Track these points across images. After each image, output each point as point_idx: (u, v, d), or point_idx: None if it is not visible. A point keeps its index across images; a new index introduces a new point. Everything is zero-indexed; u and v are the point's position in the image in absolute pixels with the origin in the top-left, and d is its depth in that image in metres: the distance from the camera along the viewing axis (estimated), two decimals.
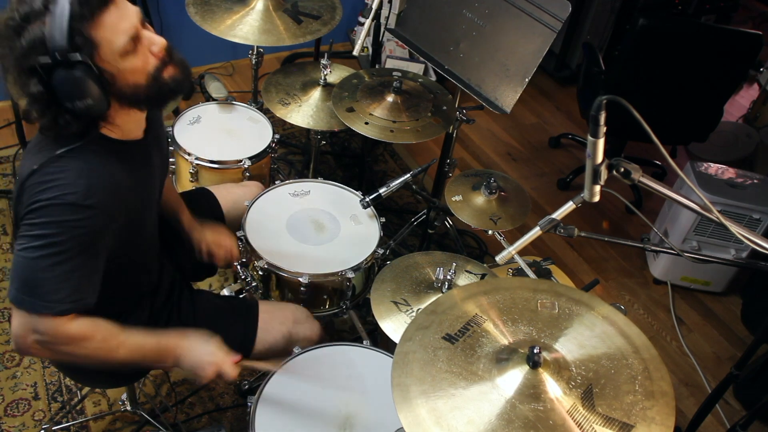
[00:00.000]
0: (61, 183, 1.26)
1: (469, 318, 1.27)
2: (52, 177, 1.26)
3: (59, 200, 1.25)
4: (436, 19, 2.21)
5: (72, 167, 1.28)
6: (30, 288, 1.28)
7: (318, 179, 2.20)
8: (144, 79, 1.32)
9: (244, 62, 3.74)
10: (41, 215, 1.26)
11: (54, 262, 1.27)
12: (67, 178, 1.27)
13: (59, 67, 1.20)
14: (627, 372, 1.18)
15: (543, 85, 4.09)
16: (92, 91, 1.23)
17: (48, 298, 1.28)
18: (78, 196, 1.26)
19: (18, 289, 1.29)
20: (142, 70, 1.31)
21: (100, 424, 2.12)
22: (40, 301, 1.28)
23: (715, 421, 2.44)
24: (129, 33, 1.27)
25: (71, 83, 1.21)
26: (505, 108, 2.04)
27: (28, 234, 1.27)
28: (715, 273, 2.86)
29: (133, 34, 1.27)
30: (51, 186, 1.26)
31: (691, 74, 2.76)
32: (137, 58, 1.30)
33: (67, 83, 1.21)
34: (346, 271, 1.88)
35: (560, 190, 3.36)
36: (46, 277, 1.28)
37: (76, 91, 1.22)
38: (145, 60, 1.31)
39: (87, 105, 1.24)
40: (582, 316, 1.28)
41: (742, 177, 2.76)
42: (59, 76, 1.21)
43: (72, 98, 1.23)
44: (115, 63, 1.27)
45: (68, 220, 1.26)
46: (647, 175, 1.24)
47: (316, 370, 1.64)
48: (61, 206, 1.26)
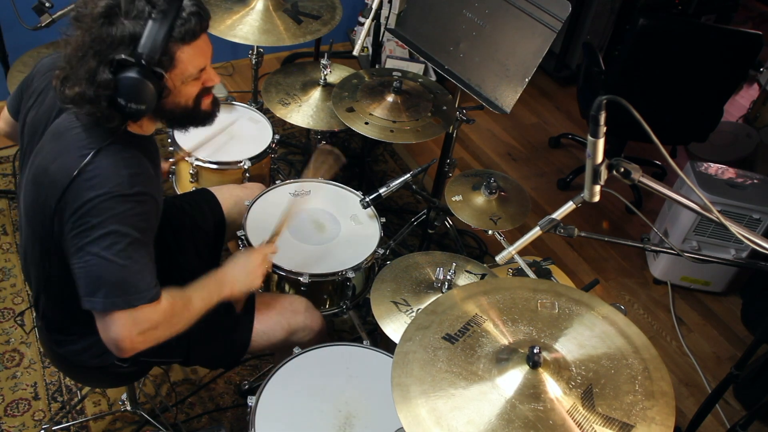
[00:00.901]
0: (103, 179, 1.29)
1: (469, 318, 1.27)
2: (91, 176, 1.28)
3: (108, 195, 1.27)
4: (436, 19, 2.21)
5: (107, 163, 1.30)
6: (119, 287, 1.29)
7: (318, 179, 2.20)
8: (186, 103, 1.41)
9: (244, 62, 3.74)
10: (96, 215, 1.27)
11: (129, 254, 1.29)
12: (107, 173, 1.29)
13: (133, 69, 1.25)
14: (627, 372, 1.18)
15: (543, 85, 4.09)
16: (150, 100, 1.29)
17: (139, 288, 1.30)
18: (124, 187, 1.29)
19: (107, 294, 1.28)
20: (189, 96, 1.41)
21: (100, 424, 2.12)
22: (133, 295, 1.30)
23: (715, 421, 2.44)
24: (202, 65, 1.37)
25: (139, 88, 1.27)
26: (505, 108, 2.04)
27: (89, 238, 1.27)
28: (715, 273, 2.86)
29: (204, 67, 1.38)
30: (94, 184, 1.28)
31: (691, 74, 2.76)
32: (194, 86, 1.40)
33: (135, 86, 1.26)
34: (346, 271, 1.89)
35: (560, 190, 3.36)
36: (129, 271, 1.29)
37: (139, 95, 1.28)
38: (197, 89, 1.41)
39: (138, 109, 1.29)
40: (582, 316, 1.28)
41: (742, 177, 2.76)
42: (131, 77, 1.26)
43: (130, 99, 1.27)
44: (177, 84, 1.36)
45: (123, 210, 1.29)
46: (647, 175, 1.24)
47: (316, 370, 1.64)
48: (112, 200, 1.28)
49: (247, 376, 2.29)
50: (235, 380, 2.28)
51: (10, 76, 2.44)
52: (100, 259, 1.27)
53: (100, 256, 1.27)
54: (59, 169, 1.30)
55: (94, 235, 1.27)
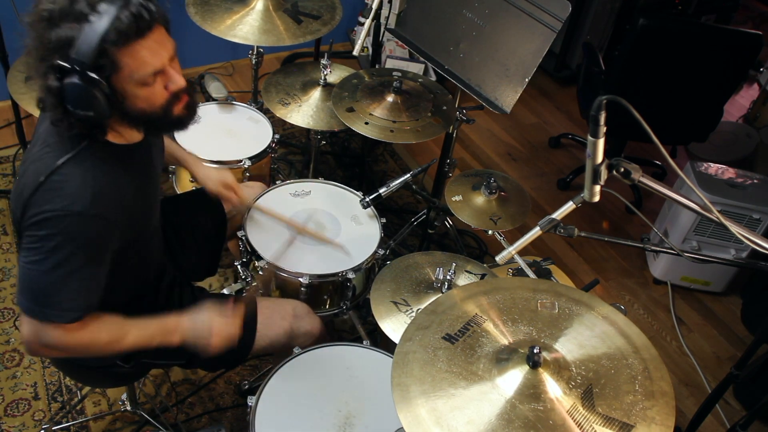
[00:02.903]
0: (66, 193, 1.26)
1: (469, 318, 1.27)
2: (56, 186, 1.26)
3: (65, 211, 1.25)
4: (436, 19, 2.21)
5: (76, 176, 1.28)
6: (41, 298, 1.30)
7: (318, 179, 2.20)
8: (152, 109, 1.33)
9: (244, 62, 3.74)
10: (48, 227, 1.26)
11: (64, 273, 1.28)
12: (72, 188, 1.27)
13: (74, 75, 1.21)
14: (627, 372, 1.18)
15: (543, 85, 4.09)
16: (98, 106, 1.24)
17: (59, 307, 1.30)
18: (84, 206, 1.26)
19: (29, 299, 1.30)
20: (152, 101, 1.32)
21: (100, 424, 2.12)
22: (51, 310, 1.30)
23: (715, 421, 2.44)
24: (154, 68, 1.28)
25: (80, 93, 1.22)
26: (505, 108, 2.04)
27: (35, 246, 1.27)
28: (715, 273, 2.86)
29: (158, 69, 1.29)
30: (56, 196, 1.26)
31: (691, 74, 2.76)
32: (152, 90, 1.31)
33: (76, 92, 1.22)
34: (346, 271, 1.89)
35: (560, 190, 3.36)
36: (57, 288, 1.29)
37: (84, 102, 1.23)
38: (159, 93, 1.32)
39: (88, 116, 1.25)
40: (582, 316, 1.28)
41: (742, 177, 2.76)
42: (71, 83, 1.21)
43: (77, 105, 1.23)
44: (129, 88, 1.28)
45: (76, 230, 1.27)
46: (647, 175, 1.24)
47: (316, 370, 1.64)
48: (68, 217, 1.26)
49: (247, 376, 2.29)
50: (235, 380, 2.28)
51: (10, 76, 2.44)
52: (35, 269, 1.28)
53: (35, 266, 1.28)
54: (31, 174, 1.29)
55: (38, 244, 1.27)
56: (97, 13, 1.19)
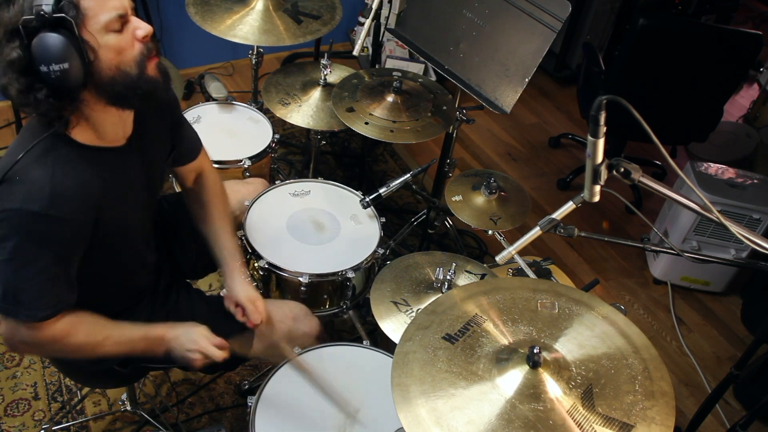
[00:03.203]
0: (23, 191, 1.24)
1: (469, 318, 1.27)
2: (15, 185, 1.24)
3: (22, 210, 1.23)
4: (436, 19, 2.21)
5: (37, 175, 1.25)
6: (10, 297, 1.29)
7: (318, 179, 2.20)
8: (126, 64, 1.28)
9: (244, 62, 3.74)
10: (6, 226, 1.24)
11: (29, 272, 1.28)
12: (30, 186, 1.24)
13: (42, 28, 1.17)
14: (627, 372, 1.18)
15: (543, 85, 4.09)
16: (71, 55, 1.19)
17: (29, 306, 1.30)
18: (41, 206, 1.23)
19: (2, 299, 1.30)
20: (125, 52, 1.27)
21: (100, 424, 2.12)
22: (22, 309, 1.30)
23: (715, 421, 2.43)
24: (117, 10, 1.24)
25: (50, 44, 1.17)
26: (505, 108, 2.04)
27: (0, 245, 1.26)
28: (715, 273, 2.86)
29: (122, 13, 1.25)
30: (13, 194, 1.24)
31: (691, 74, 2.76)
32: (122, 38, 1.26)
33: (46, 44, 1.17)
34: (346, 271, 1.89)
35: (560, 190, 3.36)
36: (23, 288, 1.29)
37: (54, 53, 1.17)
38: (129, 42, 1.28)
39: (63, 69, 1.19)
40: (582, 316, 1.28)
41: (742, 177, 2.76)
42: (41, 37, 1.17)
43: (49, 61, 1.18)
44: (98, 37, 1.23)
45: (33, 230, 1.25)
46: (647, 175, 1.24)
47: (316, 370, 1.64)
48: (24, 216, 1.23)
49: (247, 376, 2.29)
50: (235, 380, 2.28)
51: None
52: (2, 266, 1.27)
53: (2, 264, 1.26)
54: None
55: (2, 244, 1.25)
56: None
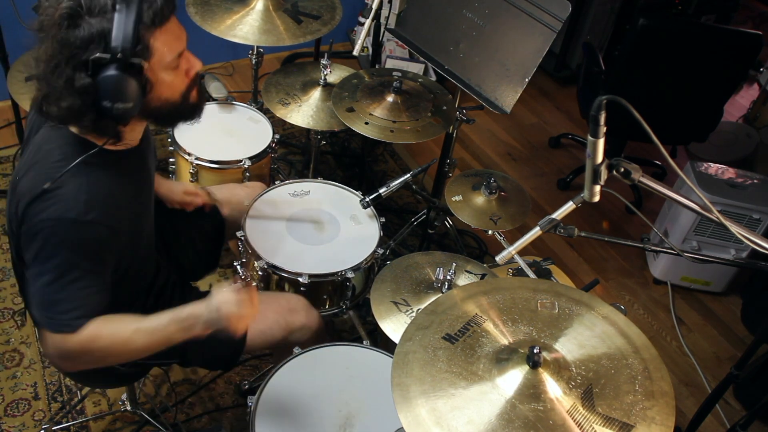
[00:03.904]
0: (60, 201, 1.26)
1: (469, 318, 1.27)
2: (50, 196, 1.26)
3: (61, 219, 1.25)
4: (436, 19, 2.21)
5: (70, 184, 1.27)
6: (49, 309, 1.30)
7: (318, 179, 2.20)
8: (174, 97, 1.35)
9: (244, 62, 3.74)
10: (45, 236, 1.26)
11: (67, 281, 1.28)
12: (66, 196, 1.26)
13: (113, 65, 1.20)
14: (627, 372, 1.18)
15: (543, 85, 4.09)
16: (135, 96, 1.23)
17: (65, 317, 1.30)
18: (78, 213, 1.26)
19: (39, 311, 1.32)
20: (175, 88, 1.35)
21: (100, 424, 2.12)
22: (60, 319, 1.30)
23: (715, 421, 2.43)
24: (179, 50, 1.31)
25: (121, 84, 1.21)
26: (505, 108, 2.04)
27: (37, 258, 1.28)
28: (715, 273, 2.86)
29: (181, 51, 1.32)
30: (50, 205, 1.26)
31: (691, 74, 2.76)
32: (176, 74, 1.33)
33: (116, 83, 1.20)
34: (345, 271, 1.88)
35: (560, 190, 3.36)
36: (62, 298, 1.29)
37: (122, 93, 1.21)
38: (181, 79, 1.35)
39: (125, 108, 1.23)
40: (582, 316, 1.28)
41: (742, 177, 2.76)
42: (111, 75, 1.20)
43: (114, 98, 1.21)
44: (158, 74, 1.29)
45: (72, 238, 1.27)
46: (647, 175, 1.24)
47: (316, 370, 1.64)
48: (63, 224, 1.26)
49: (247, 376, 2.29)
50: (235, 380, 2.28)
51: (10, 76, 2.44)
52: (39, 278, 1.29)
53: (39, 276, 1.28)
54: (28, 185, 1.29)
55: (39, 255, 1.27)
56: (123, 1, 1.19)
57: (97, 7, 1.20)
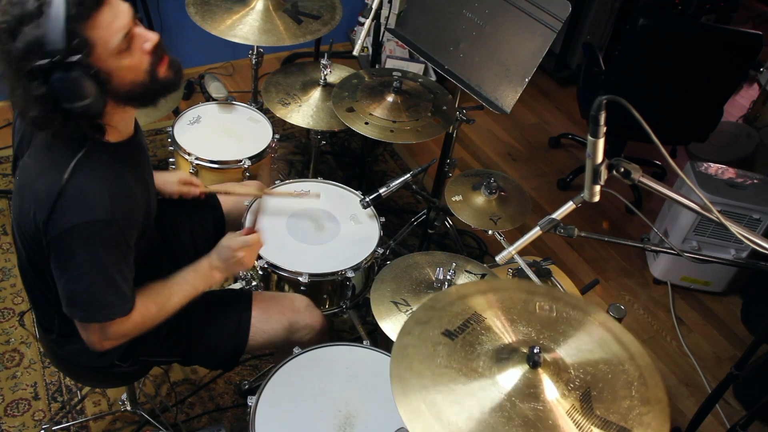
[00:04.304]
0: (87, 204, 1.28)
1: (469, 315, 1.27)
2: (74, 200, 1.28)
3: (91, 220, 1.28)
4: (436, 19, 2.21)
5: (89, 185, 1.29)
6: (95, 304, 1.36)
7: (318, 179, 2.20)
8: (140, 77, 1.32)
9: (244, 62, 3.74)
10: (77, 240, 1.29)
11: (107, 276, 1.34)
12: (90, 197, 1.29)
13: (57, 69, 1.20)
14: (624, 378, 1.18)
15: (543, 85, 4.09)
16: (90, 91, 1.23)
17: (113, 304, 1.37)
18: (104, 212, 1.29)
19: (83, 309, 1.36)
20: (137, 68, 1.32)
21: (100, 424, 2.12)
22: (107, 310, 1.37)
23: (715, 421, 2.43)
24: (123, 31, 1.26)
25: (70, 85, 1.21)
26: (505, 108, 2.04)
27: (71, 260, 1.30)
28: (715, 273, 2.86)
29: (127, 32, 1.27)
30: (77, 210, 1.28)
31: (691, 74, 2.76)
32: (132, 55, 1.30)
33: (66, 85, 1.21)
34: (345, 270, 1.89)
35: (560, 190, 3.36)
36: (107, 292, 1.35)
37: (76, 92, 1.22)
38: (139, 57, 1.32)
39: (86, 105, 1.23)
40: (580, 321, 1.28)
41: (742, 177, 2.76)
42: (58, 78, 1.20)
43: (71, 99, 1.22)
44: (110, 62, 1.26)
45: (103, 237, 1.31)
46: (647, 175, 1.24)
47: (316, 370, 1.64)
48: (92, 227, 1.29)
49: (247, 376, 2.29)
50: (235, 380, 2.28)
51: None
52: (79, 278, 1.33)
53: (78, 276, 1.32)
54: (43, 188, 1.29)
55: (75, 258, 1.30)
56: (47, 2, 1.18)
57: (25, 15, 1.18)
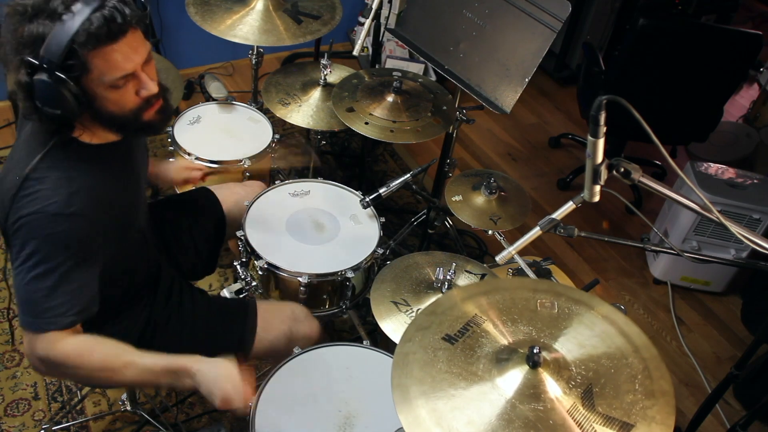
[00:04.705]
0: (41, 195, 1.25)
1: (469, 318, 1.27)
2: (31, 191, 1.25)
3: (41, 212, 1.24)
4: (436, 19, 2.21)
5: (50, 178, 1.26)
6: (33, 308, 1.28)
7: (318, 179, 2.20)
8: (122, 112, 1.31)
9: (244, 62, 3.74)
10: (27, 232, 1.25)
11: (50, 278, 1.26)
12: (47, 190, 1.25)
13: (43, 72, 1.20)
14: (627, 371, 1.18)
15: (543, 85, 4.09)
16: (65, 105, 1.22)
17: (52, 313, 1.28)
18: (59, 206, 1.25)
19: (23, 312, 1.29)
20: (123, 105, 1.31)
21: (100, 424, 2.12)
22: (44, 318, 1.28)
23: (715, 421, 2.43)
24: (125, 72, 1.26)
25: (48, 91, 1.21)
26: (505, 108, 2.04)
27: (20, 255, 1.26)
28: (715, 273, 2.86)
29: (129, 73, 1.27)
30: (31, 200, 1.25)
31: (691, 74, 2.76)
32: (123, 93, 1.29)
33: (44, 89, 1.20)
34: (345, 271, 1.88)
35: (560, 190, 3.36)
36: (47, 295, 1.27)
37: (52, 100, 1.22)
38: (129, 97, 1.31)
39: (54, 114, 1.23)
40: (582, 316, 1.28)
41: (742, 177, 2.76)
42: (40, 80, 1.20)
43: (44, 102, 1.22)
44: (99, 90, 1.26)
45: (53, 232, 1.25)
46: (647, 175, 1.24)
47: (316, 370, 1.64)
48: (44, 218, 1.24)
49: None
50: None
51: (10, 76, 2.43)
52: (23, 279, 1.26)
53: (23, 276, 1.26)
54: (12, 178, 1.28)
55: (22, 252, 1.25)
56: (71, 12, 1.17)
57: (47, 11, 1.18)
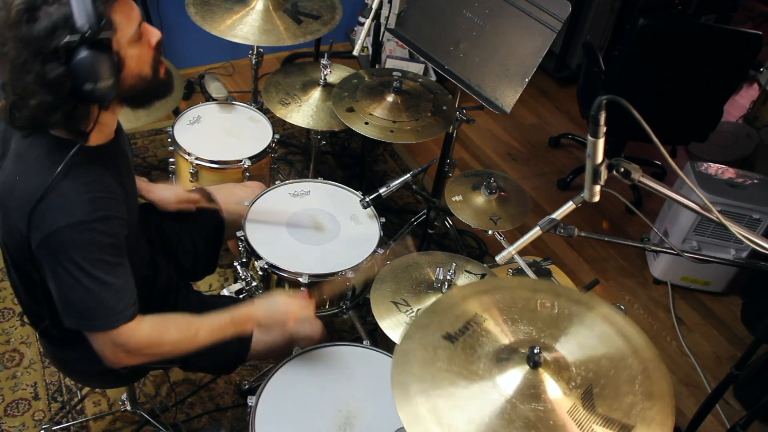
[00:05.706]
0: (66, 208, 1.26)
1: (470, 317, 1.27)
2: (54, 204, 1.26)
3: (70, 226, 1.25)
4: (436, 19, 2.21)
5: (69, 188, 1.27)
6: (93, 312, 1.31)
7: (318, 179, 2.20)
8: (144, 70, 1.34)
9: (244, 62, 3.74)
10: (61, 246, 1.26)
11: (101, 281, 1.29)
12: (69, 201, 1.26)
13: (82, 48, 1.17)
14: (626, 373, 1.18)
15: (543, 85, 4.08)
16: (113, 73, 1.22)
17: (114, 311, 1.32)
18: (86, 214, 1.26)
19: (87, 318, 1.32)
20: (144, 60, 1.33)
21: (100, 424, 2.12)
22: (109, 317, 1.32)
23: (715, 421, 2.43)
24: (137, 21, 1.29)
25: (97, 62, 1.18)
26: (505, 108, 2.04)
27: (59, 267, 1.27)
28: (715, 273, 2.86)
29: (140, 22, 1.30)
30: (57, 215, 1.25)
31: (691, 74, 2.76)
32: (141, 46, 1.32)
33: (92, 63, 1.18)
34: (346, 271, 1.88)
35: (560, 190, 3.36)
36: (102, 296, 1.30)
37: (100, 71, 1.19)
38: (147, 50, 1.34)
39: (106, 86, 1.21)
40: (582, 316, 1.28)
41: (742, 177, 2.76)
42: (86, 56, 1.17)
43: (94, 79, 1.19)
44: (125, 49, 1.27)
45: (88, 239, 1.27)
46: (647, 175, 1.24)
47: (316, 370, 1.64)
48: (75, 229, 1.25)
49: (247, 376, 2.29)
50: (235, 380, 2.28)
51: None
52: (72, 286, 1.28)
53: (70, 283, 1.28)
54: (23, 194, 1.27)
55: (63, 264, 1.27)
56: None
57: None
